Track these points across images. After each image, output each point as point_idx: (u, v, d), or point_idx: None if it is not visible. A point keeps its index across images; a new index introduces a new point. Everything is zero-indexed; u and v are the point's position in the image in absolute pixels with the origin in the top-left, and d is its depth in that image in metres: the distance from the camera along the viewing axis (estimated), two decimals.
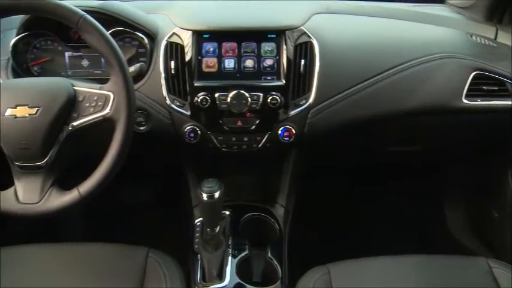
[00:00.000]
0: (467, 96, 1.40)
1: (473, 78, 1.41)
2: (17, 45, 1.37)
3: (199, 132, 1.35)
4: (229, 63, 1.35)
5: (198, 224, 1.45)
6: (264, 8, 1.54)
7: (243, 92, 1.32)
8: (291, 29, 1.36)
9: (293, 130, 1.36)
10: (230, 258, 1.36)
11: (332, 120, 1.38)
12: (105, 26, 1.09)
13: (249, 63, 1.35)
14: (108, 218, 1.99)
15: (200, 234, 1.39)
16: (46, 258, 1.29)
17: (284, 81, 1.34)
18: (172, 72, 1.34)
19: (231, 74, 1.35)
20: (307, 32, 1.37)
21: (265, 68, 1.35)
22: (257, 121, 1.36)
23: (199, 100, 1.32)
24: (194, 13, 1.49)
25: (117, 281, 1.22)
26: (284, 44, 1.34)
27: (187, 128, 1.35)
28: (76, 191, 1.08)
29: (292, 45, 1.35)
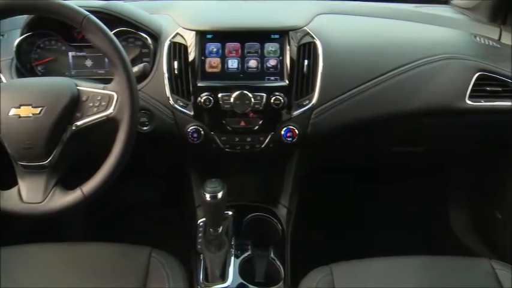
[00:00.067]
0: (470, 97, 1.40)
1: (476, 79, 1.40)
2: (21, 45, 1.37)
3: (202, 132, 1.35)
4: (232, 63, 1.35)
5: (201, 224, 1.46)
6: (268, 9, 1.54)
7: (246, 93, 1.31)
8: (295, 30, 1.36)
9: (296, 131, 1.35)
10: (233, 258, 1.37)
11: (335, 120, 1.38)
12: (108, 26, 1.09)
13: (253, 63, 1.35)
14: (111, 218, 1.99)
15: (203, 234, 1.39)
16: (49, 257, 1.29)
17: (287, 81, 1.34)
18: (175, 72, 1.34)
19: (235, 75, 1.35)
20: (310, 33, 1.37)
21: (268, 69, 1.35)
22: (260, 121, 1.36)
23: (202, 100, 1.32)
24: (197, 13, 1.49)
25: (119, 281, 1.22)
26: (287, 45, 1.34)
27: (190, 128, 1.35)
28: (79, 191, 1.08)
29: (295, 45, 1.35)
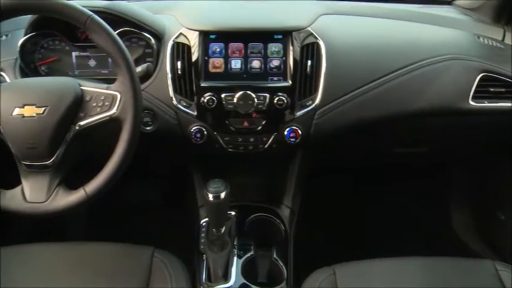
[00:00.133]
0: (474, 98, 1.40)
1: (480, 80, 1.40)
2: (25, 45, 1.37)
3: (205, 132, 1.35)
4: (235, 63, 1.35)
5: (204, 225, 1.46)
6: (271, 9, 1.54)
7: (250, 93, 1.31)
8: (298, 30, 1.36)
9: (299, 131, 1.35)
10: (235, 258, 1.37)
11: (338, 121, 1.38)
12: (112, 26, 1.09)
13: (256, 63, 1.35)
14: (113, 218, 2.00)
15: (206, 234, 1.39)
16: (51, 257, 1.29)
17: (290, 82, 1.34)
18: (178, 72, 1.34)
19: (238, 75, 1.35)
20: (313, 33, 1.37)
21: (271, 69, 1.35)
22: (263, 122, 1.36)
23: (205, 100, 1.32)
24: (201, 14, 1.49)
25: (122, 281, 1.22)
26: (291, 45, 1.34)
27: (193, 128, 1.35)
28: (82, 191, 1.08)
29: (298, 46, 1.35)
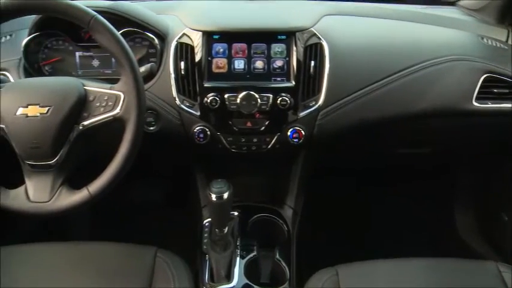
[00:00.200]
0: (477, 99, 1.40)
1: (483, 80, 1.40)
2: (29, 45, 1.37)
3: (208, 132, 1.36)
4: (239, 64, 1.35)
5: (207, 225, 1.46)
6: (274, 9, 1.54)
7: (253, 93, 1.31)
8: (301, 31, 1.36)
9: (302, 132, 1.35)
10: (238, 259, 1.36)
11: (342, 122, 1.38)
12: (115, 26, 1.09)
13: (259, 64, 1.35)
14: (116, 218, 2.00)
15: (209, 234, 1.39)
16: (54, 257, 1.30)
17: (294, 82, 1.34)
18: (182, 72, 1.34)
19: (241, 75, 1.35)
20: (317, 34, 1.37)
21: (275, 69, 1.35)
22: (266, 122, 1.36)
23: (208, 101, 1.32)
24: (204, 14, 1.49)
25: (125, 281, 1.22)
26: (294, 46, 1.34)
27: (196, 129, 1.35)
28: (86, 190, 1.08)
29: (302, 46, 1.35)
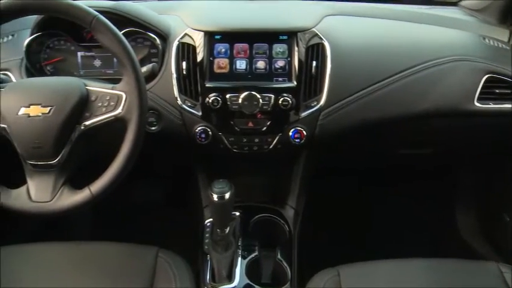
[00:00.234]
0: (479, 99, 1.40)
1: (485, 81, 1.40)
2: (31, 45, 1.38)
3: (210, 133, 1.36)
4: (240, 64, 1.35)
5: (208, 225, 1.45)
6: (276, 10, 1.54)
7: (255, 93, 1.31)
8: (303, 31, 1.36)
9: (304, 132, 1.35)
10: (240, 259, 1.37)
11: (343, 122, 1.38)
12: (117, 26, 1.09)
13: (261, 64, 1.35)
14: (118, 218, 2.00)
15: (210, 234, 1.39)
16: (56, 257, 1.30)
17: (295, 82, 1.34)
18: (183, 72, 1.34)
19: (243, 75, 1.35)
20: (318, 34, 1.37)
21: (276, 70, 1.35)
22: (268, 122, 1.36)
23: (210, 101, 1.32)
24: (206, 14, 1.49)
25: (126, 281, 1.22)
26: (296, 46, 1.34)
27: (198, 129, 1.35)
28: (87, 190, 1.08)
29: (303, 46, 1.35)
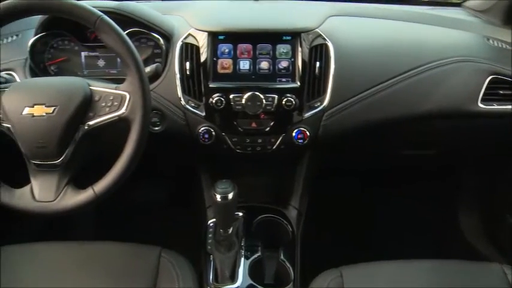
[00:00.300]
0: (483, 100, 1.39)
1: (489, 82, 1.40)
2: (35, 45, 1.38)
3: (213, 133, 1.36)
4: (244, 64, 1.35)
5: (211, 225, 1.46)
6: (280, 10, 1.54)
7: (258, 94, 1.31)
8: (306, 31, 1.36)
9: (307, 132, 1.35)
10: (243, 259, 1.37)
11: (347, 122, 1.37)
12: (121, 27, 1.09)
13: (264, 65, 1.35)
14: (121, 218, 2.00)
15: (213, 235, 1.39)
16: (58, 256, 1.30)
17: (299, 83, 1.33)
18: (187, 73, 1.34)
19: (246, 76, 1.35)
20: (322, 35, 1.37)
21: (280, 70, 1.35)
22: (271, 123, 1.36)
23: (214, 101, 1.32)
24: (210, 14, 1.49)
25: (129, 281, 1.22)
26: (299, 46, 1.34)
27: (201, 129, 1.35)
28: (91, 190, 1.08)
29: (307, 47, 1.35)
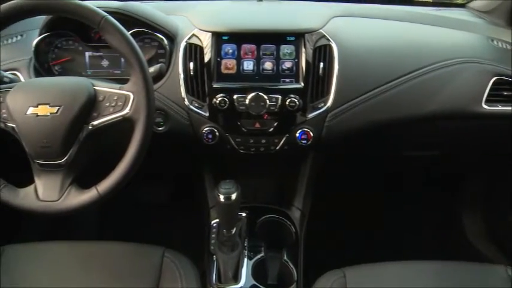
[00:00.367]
0: (487, 101, 1.39)
1: (493, 83, 1.40)
2: (39, 45, 1.38)
3: (217, 133, 1.36)
4: (248, 65, 1.35)
5: (215, 225, 1.46)
6: (284, 11, 1.55)
7: (262, 94, 1.31)
8: (310, 32, 1.36)
9: (311, 133, 1.35)
10: (246, 260, 1.37)
11: (350, 123, 1.37)
12: (125, 27, 1.09)
13: (268, 65, 1.35)
14: (124, 217, 2.01)
15: (216, 235, 1.40)
16: (62, 256, 1.30)
17: (303, 84, 1.33)
18: (191, 73, 1.34)
19: (250, 76, 1.35)
20: (326, 35, 1.37)
21: (284, 71, 1.35)
22: (275, 123, 1.36)
23: (217, 101, 1.32)
24: (214, 15, 1.49)
25: (133, 281, 1.23)
26: (303, 47, 1.34)
27: (205, 129, 1.36)
28: (95, 190, 1.09)
29: (311, 48, 1.35)
